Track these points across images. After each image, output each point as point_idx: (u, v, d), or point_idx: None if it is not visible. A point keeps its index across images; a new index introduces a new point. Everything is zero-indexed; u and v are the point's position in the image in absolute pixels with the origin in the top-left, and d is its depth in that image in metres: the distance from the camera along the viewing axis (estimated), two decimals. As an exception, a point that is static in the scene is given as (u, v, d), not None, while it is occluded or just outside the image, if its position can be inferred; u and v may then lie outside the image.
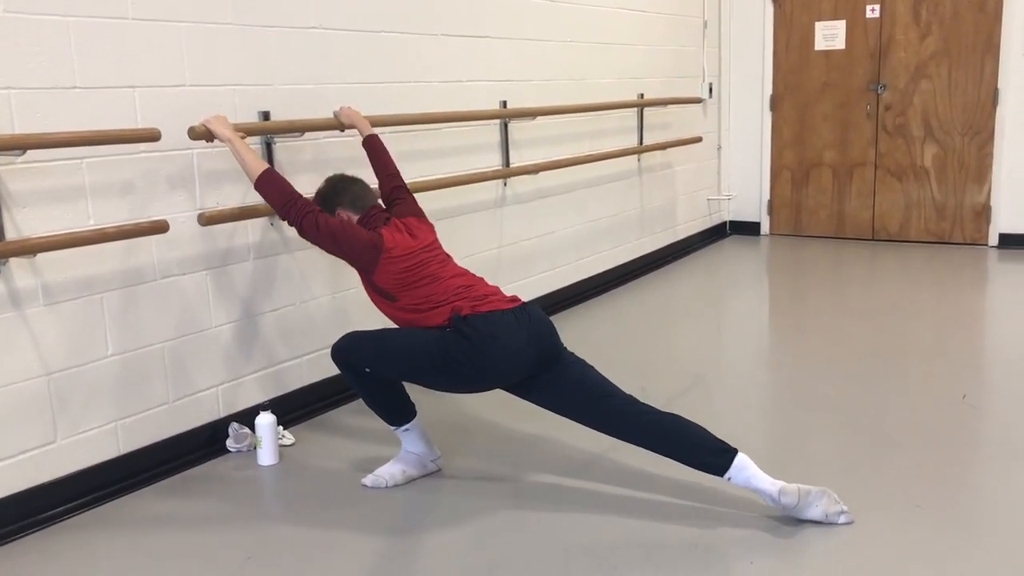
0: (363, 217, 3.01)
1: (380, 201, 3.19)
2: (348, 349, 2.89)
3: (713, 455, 2.73)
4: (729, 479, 2.71)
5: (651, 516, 2.77)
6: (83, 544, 2.72)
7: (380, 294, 2.92)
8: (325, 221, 2.84)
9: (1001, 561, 2.46)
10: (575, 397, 2.85)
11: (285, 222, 2.92)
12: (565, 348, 2.93)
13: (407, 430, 3.05)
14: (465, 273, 2.99)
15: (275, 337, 3.59)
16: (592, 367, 2.91)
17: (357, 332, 2.93)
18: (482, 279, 3.01)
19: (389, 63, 3.98)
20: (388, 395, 2.99)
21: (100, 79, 2.90)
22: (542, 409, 2.93)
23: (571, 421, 2.90)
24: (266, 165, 2.95)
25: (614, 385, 2.86)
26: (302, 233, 2.88)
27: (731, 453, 2.71)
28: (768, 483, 2.68)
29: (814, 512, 2.67)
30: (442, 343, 2.79)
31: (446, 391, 2.99)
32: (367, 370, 2.88)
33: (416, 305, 2.87)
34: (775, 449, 3.28)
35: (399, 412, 3.03)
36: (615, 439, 2.88)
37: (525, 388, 2.88)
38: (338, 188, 3.06)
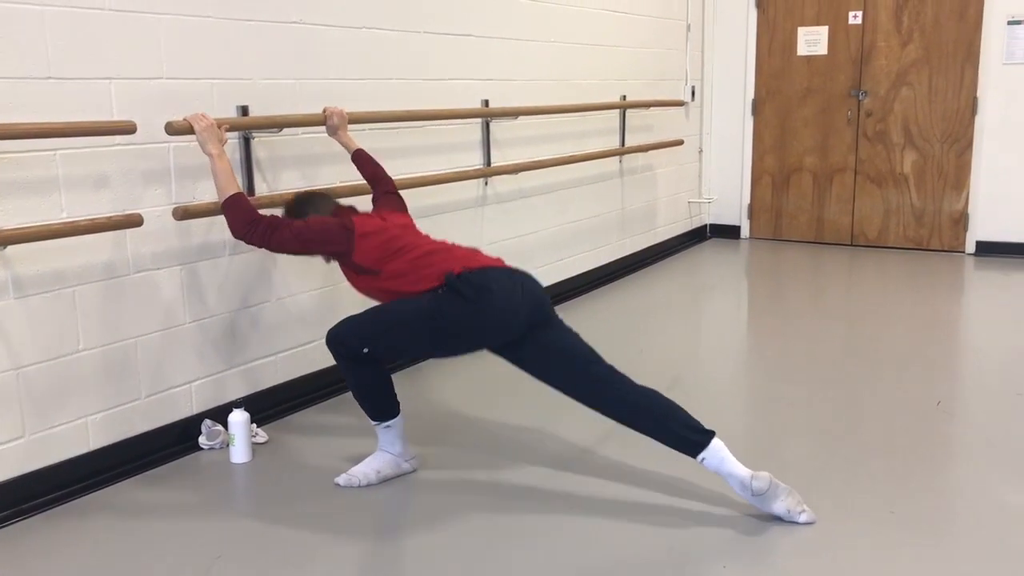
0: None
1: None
2: (344, 331, 2.88)
3: (690, 432, 2.74)
4: (703, 460, 2.72)
5: (626, 517, 2.76)
6: (49, 541, 2.68)
7: (363, 272, 2.92)
8: (292, 223, 2.88)
9: (973, 568, 2.47)
10: (560, 360, 2.86)
11: (251, 244, 2.88)
12: (555, 312, 2.95)
13: (388, 427, 3.03)
14: (444, 242, 3.02)
15: (250, 334, 3.56)
16: (579, 335, 2.93)
17: (352, 315, 2.93)
18: (460, 246, 3.02)
19: (371, 59, 3.95)
20: (378, 389, 2.98)
21: (76, 70, 2.86)
22: (520, 407, 2.92)
23: (548, 422, 2.90)
24: (239, 188, 2.93)
25: (598, 354, 2.88)
26: (275, 245, 2.87)
27: (708, 435, 2.73)
28: (741, 468, 2.70)
29: (779, 506, 2.69)
30: (436, 303, 2.80)
31: (444, 355, 2.96)
32: (364, 351, 2.86)
33: (403, 272, 2.86)
34: (750, 451, 3.27)
35: (385, 408, 3.02)
36: (594, 432, 2.87)
37: (514, 348, 2.88)
38: (303, 200, 3.17)
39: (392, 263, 2.88)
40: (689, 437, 2.73)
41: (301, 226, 2.88)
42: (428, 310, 2.80)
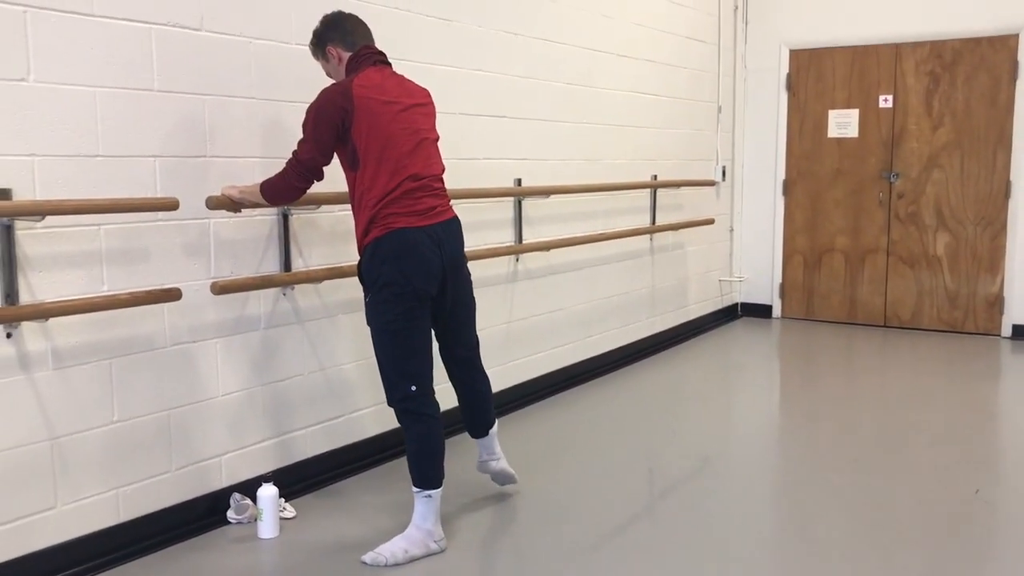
0: (354, 56, 3.07)
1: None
2: (387, 386, 3.06)
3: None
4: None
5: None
6: (76, 614, 2.68)
7: (351, 164, 2.98)
8: (300, 147, 2.99)
9: (1015, 665, 2.39)
10: (458, 318, 3.20)
11: (300, 185, 3.05)
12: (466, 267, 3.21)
13: (429, 497, 3.03)
14: (416, 165, 3.05)
15: (282, 407, 3.58)
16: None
17: (382, 375, 3.08)
18: (432, 178, 3.14)
19: (407, 139, 4.03)
20: (432, 449, 3.05)
21: (122, 148, 2.96)
22: (549, 482, 2.89)
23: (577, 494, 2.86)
24: (258, 184, 3.10)
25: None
26: (305, 164, 2.99)
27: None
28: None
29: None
30: (380, 297, 2.98)
31: (421, 310, 3.04)
32: (412, 389, 3.01)
33: (371, 187, 2.95)
34: (781, 537, 3.21)
35: (432, 474, 3.05)
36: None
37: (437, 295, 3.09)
38: (331, 22, 3.13)
39: (374, 163, 2.94)
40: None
41: (305, 125, 2.98)
42: (384, 303, 2.97)
